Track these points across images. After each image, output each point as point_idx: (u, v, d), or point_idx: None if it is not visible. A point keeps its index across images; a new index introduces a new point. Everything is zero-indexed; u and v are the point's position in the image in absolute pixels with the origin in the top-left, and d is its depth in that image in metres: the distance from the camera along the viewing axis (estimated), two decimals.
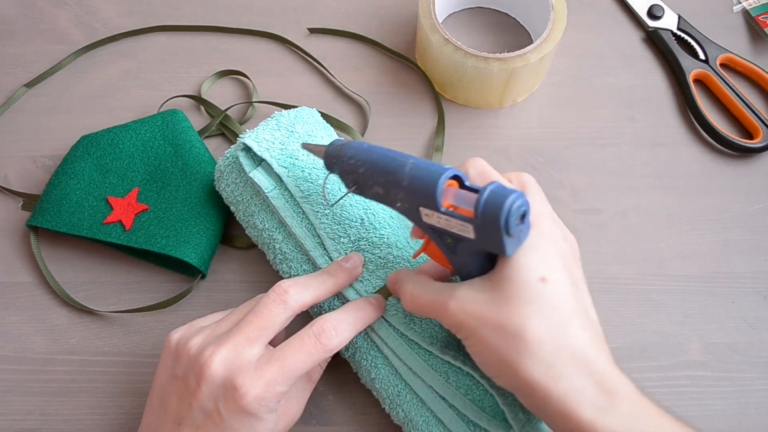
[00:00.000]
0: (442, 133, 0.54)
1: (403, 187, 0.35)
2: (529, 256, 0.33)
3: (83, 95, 0.56)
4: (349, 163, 0.37)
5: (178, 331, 0.38)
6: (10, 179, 0.53)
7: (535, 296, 0.32)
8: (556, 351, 0.32)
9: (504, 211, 0.31)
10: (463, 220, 0.33)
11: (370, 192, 0.37)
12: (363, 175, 0.37)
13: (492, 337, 0.32)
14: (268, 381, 0.34)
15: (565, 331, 0.32)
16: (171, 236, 0.47)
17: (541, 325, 0.32)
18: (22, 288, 0.49)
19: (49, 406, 0.45)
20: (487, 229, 0.32)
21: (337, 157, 0.38)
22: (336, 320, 0.37)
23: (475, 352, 0.35)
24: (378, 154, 0.37)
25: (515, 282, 0.32)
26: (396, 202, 0.36)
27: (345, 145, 0.39)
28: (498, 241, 0.32)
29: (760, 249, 0.50)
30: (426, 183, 0.34)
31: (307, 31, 0.59)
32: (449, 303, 0.34)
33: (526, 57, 0.50)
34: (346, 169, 0.38)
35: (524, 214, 0.32)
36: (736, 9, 0.60)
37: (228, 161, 0.47)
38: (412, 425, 0.40)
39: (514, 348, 0.32)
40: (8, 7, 0.61)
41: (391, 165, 0.35)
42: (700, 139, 0.54)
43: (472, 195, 0.33)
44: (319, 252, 0.43)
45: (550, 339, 0.32)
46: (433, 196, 0.33)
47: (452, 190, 0.34)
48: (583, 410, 0.31)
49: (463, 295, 0.34)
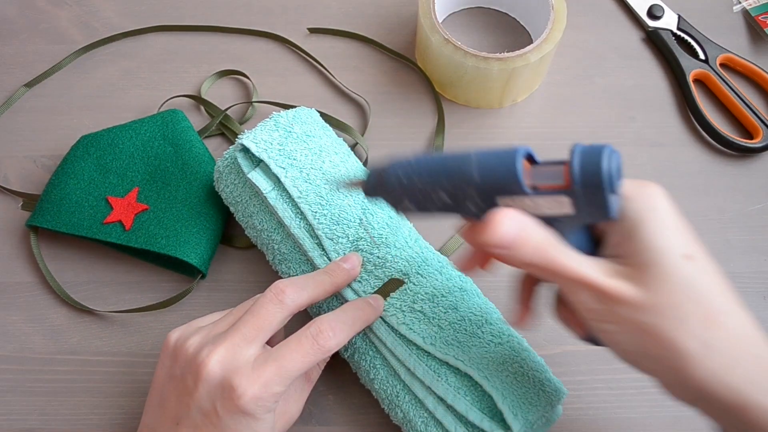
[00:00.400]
0: (442, 133, 0.54)
1: (474, 181, 0.31)
2: (661, 234, 0.30)
3: (83, 95, 0.57)
4: (401, 182, 0.33)
5: (176, 331, 0.38)
6: (10, 179, 0.53)
7: (686, 277, 0.30)
8: (723, 337, 0.29)
9: (605, 165, 0.28)
10: (555, 194, 0.29)
11: (433, 204, 0.33)
12: (422, 188, 0.33)
13: (643, 325, 0.30)
14: (265, 381, 0.34)
15: (725, 313, 0.30)
16: (171, 236, 0.47)
17: (698, 309, 0.29)
18: (22, 288, 0.49)
19: (49, 406, 0.45)
20: (589, 193, 0.29)
21: (381, 183, 0.34)
22: (334, 321, 0.37)
23: (615, 339, 0.32)
24: (430, 161, 0.33)
25: (658, 265, 0.30)
26: (466, 203, 0.32)
27: (387, 168, 0.34)
28: (602, 204, 0.29)
29: (760, 249, 0.50)
30: (501, 167, 0.30)
31: (307, 31, 0.59)
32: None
33: (526, 57, 0.50)
34: (396, 188, 0.33)
35: (619, 168, 0.29)
36: (736, 9, 0.60)
37: (227, 162, 0.47)
38: (411, 426, 0.40)
39: (672, 337, 0.29)
40: (8, 7, 0.61)
41: (452, 164, 0.32)
42: (700, 139, 0.54)
43: (556, 167, 0.30)
44: (318, 252, 0.43)
45: (713, 326, 0.29)
46: (515, 178, 0.30)
47: (530, 169, 0.31)
48: (762, 398, 0.29)
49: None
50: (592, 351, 0.46)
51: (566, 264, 0.31)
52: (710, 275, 0.31)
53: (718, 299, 0.30)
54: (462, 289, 0.43)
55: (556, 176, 0.30)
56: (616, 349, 0.33)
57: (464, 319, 0.41)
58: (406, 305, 0.41)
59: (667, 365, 0.30)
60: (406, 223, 0.46)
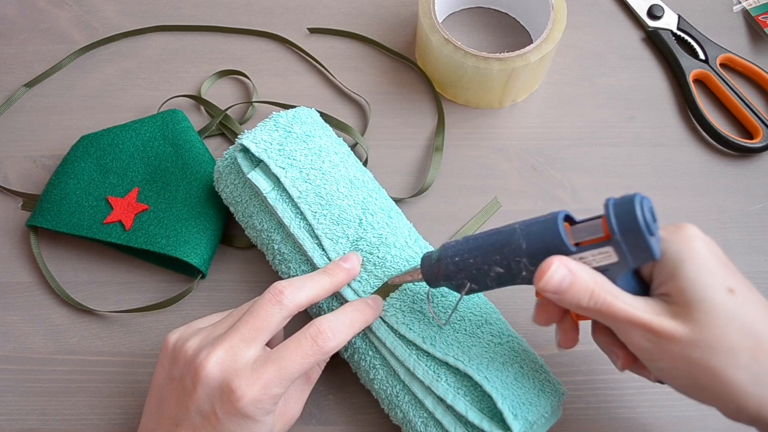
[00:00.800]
0: (442, 133, 0.54)
1: (523, 251, 0.34)
2: (703, 271, 0.32)
3: (83, 95, 0.57)
4: (455, 263, 0.36)
5: (175, 333, 0.38)
6: (10, 179, 0.53)
7: (731, 311, 0.31)
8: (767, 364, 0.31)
9: (638, 211, 0.30)
10: (598, 247, 0.32)
11: (489, 278, 0.36)
12: (476, 265, 0.36)
13: (693, 360, 0.32)
14: (265, 383, 0.34)
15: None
16: (171, 236, 0.47)
17: (746, 341, 0.31)
18: (22, 288, 0.49)
19: (48, 405, 0.45)
20: (629, 239, 0.31)
21: (438, 266, 0.37)
22: (333, 322, 0.37)
23: (670, 375, 0.33)
24: (479, 239, 0.36)
25: (704, 301, 0.32)
26: (521, 272, 0.34)
27: (441, 256, 0.37)
28: (644, 247, 0.31)
29: (760, 249, 0.50)
30: (546, 233, 0.33)
31: (307, 31, 0.59)
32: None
33: (526, 57, 0.50)
34: (453, 271, 0.37)
35: (652, 210, 0.32)
36: (736, 9, 0.60)
37: (227, 162, 0.47)
38: (410, 426, 0.40)
39: (722, 370, 0.31)
40: (8, 7, 0.61)
41: (499, 239, 0.35)
42: (699, 139, 0.54)
43: (594, 222, 0.33)
44: (318, 252, 0.43)
45: (761, 356, 0.31)
46: (560, 240, 0.33)
47: (570, 229, 0.34)
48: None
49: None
50: (592, 351, 0.46)
51: (616, 305, 0.33)
52: (754, 305, 0.32)
53: (764, 328, 0.31)
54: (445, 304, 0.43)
55: (596, 230, 0.33)
56: (672, 384, 0.34)
57: (464, 319, 0.41)
58: (406, 305, 0.41)
59: (720, 397, 0.32)
60: (406, 222, 0.46)
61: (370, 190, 0.45)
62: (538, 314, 0.38)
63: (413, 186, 0.53)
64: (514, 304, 0.48)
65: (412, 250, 0.43)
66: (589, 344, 0.46)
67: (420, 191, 0.51)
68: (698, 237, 0.34)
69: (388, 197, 0.47)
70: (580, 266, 0.33)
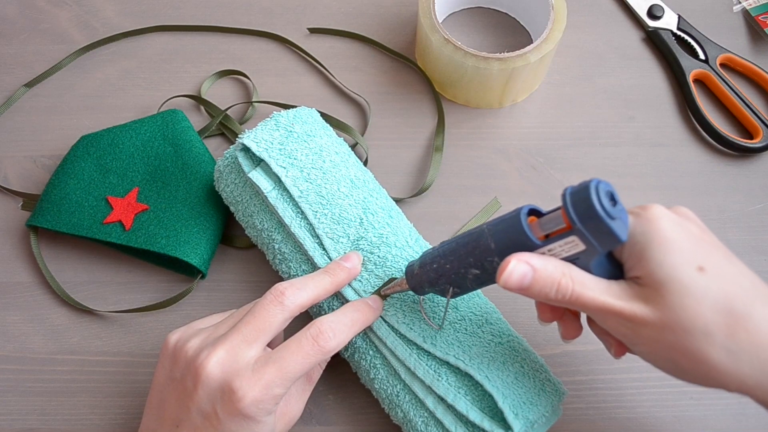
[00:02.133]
0: (442, 133, 0.54)
1: (492, 250, 0.34)
2: (669, 251, 0.32)
3: (83, 95, 0.57)
4: (434, 269, 0.37)
5: (176, 333, 0.38)
6: (10, 179, 0.53)
7: (701, 289, 0.31)
8: (747, 341, 0.30)
9: (593, 197, 0.30)
10: (564, 237, 0.32)
11: (468, 280, 0.36)
12: (453, 269, 0.36)
13: (669, 343, 0.31)
14: (266, 383, 0.34)
15: (746, 316, 0.30)
16: (171, 236, 0.47)
17: (719, 318, 0.30)
18: (22, 288, 0.49)
19: (49, 405, 0.45)
20: (589, 226, 0.31)
21: (419, 274, 0.38)
22: (333, 322, 0.37)
23: (651, 359, 0.33)
24: (452, 243, 0.37)
25: (672, 281, 0.31)
26: (494, 271, 0.35)
27: (421, 261, 0.38)
28: (606, 232, 0.31)
29: (760, 249, 0.50)
30: (510, 230, 0.33)
31: (307, 31, 0.59)
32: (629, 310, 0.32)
33: (526, 57, 0.50)
34: (434, 278, 0.37)
35: (611, 194, 0.31)
36: (736, 9, 0.60)
37: (227, 161, 0.47)
38: (411, 426, 0.40)
39: (697, 351, 0.31)
40: (8, 6, 0.61)
41: (470, 241, 0.35)
42: (700, 139, 0.54)
43: (556, 213, 0.32)
44: (319, 252, 0.43)
45: (736, 332, 0.30)
46: (524, 235, 0.33)
47: (536, 222, 0.33)
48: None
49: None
50: (592, 351, 0.46)
51: (586, 295, 0.32)
52: (729, 281, 0.31)
53: (738, 304, 0.31)
54: None
55: (559, 221, 0.32)
56: (657, 366, 0.34)
57: (464, 318, 0.41)
58: (407, 305, 0.41)
59: (702, 377, 0.32)
60: (407, 222, 0.46)
61: (370, 190, 0.45)
62: (539, 312, 0.38)
63: (413, 186, 0.53)
64: (514, 303, 0.48)
65: (413, 249, 0.43)
66: (589, 344, 0.46)
67: (420, 191, 0.51)
68: (664, 216, 0.33)
69: (389, 197, 0.47)
70: (543, 260, 0.33)
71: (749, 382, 0.31)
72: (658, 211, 0.33)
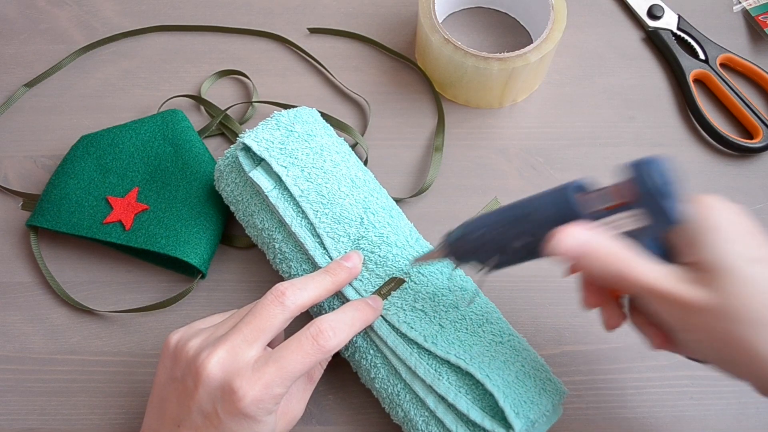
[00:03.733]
0: (442, 133, 0.54)
1: (540, 222, 0.33)
2: (727, 239, 0.31)
3: (83, 95, 0.56)
4: (478, 237, 0.36)
5: (177, 333, 0.38)
6: (10, 179, 0.53)
7: (758, 280, 0.30)
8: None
9: (657, 172, 0.30)
10: (618, 212, 0.31)
11: (511, 252, 0.35)
12: (498, 240, 0.35)
13: (719, 332, 0.30)
14: (266, 383, 0.34)
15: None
16: (171, 236, 0.47)
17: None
18: (22, 288, 0.49)
19: (49, 405, 0.45)
20: (646, 201, 0.30)
21: (462, 244, 0.37)
22: (334, 321, 0.37)
23: (698, 349, 0.33)
24: (499, 214, 0.36)
25: (728, 269, 0.30)
26: (540, 244, 0.34)
27: (464, 230, 0.37)
28: (665, 210, 0.30)
29: None
30: (559, 203, 0.33)
31: (307, 31, 0.59)
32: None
33: (526, 57, 0.50)
34: (476, 247, 0.36)
35: (670, 174, 0.31)
36: (736, 9, 0.60)
37: (228, 161, 0.47)
38: (412, 425, 0.40)
39: (748, 342, 0.30)
40: (8, 7, 0.61)
41: (517, 213, 0.35)
42: (700, 139, 0.54)
43: (606, 190, 0.32)
44: (319, 251, 0.43)
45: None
46: (573, 208, 0.32)
47: (588, 196, 0.33)
48: None
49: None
50: (592, 351, 0.46)
51: (634, 271, 0.31)
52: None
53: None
54: (462, 288, 0.43)
55: (609, 198, 0.32)
56: (702, 359, 0.33)
57: (465, 318, 0.41)
58: (407, 304, 0.41)
59: (750, 370, 0.31)
60: (407, 222, 0.46)
61: (371, 189, 0.45)
62: (584, 295, 0.36)
63: (413, 186, 0.53)
64: (514, 303, 0.48)
65: (413, 249, 0.43)
66: (590, 344, 0.46)
67: (420, 191, 0.51)
68: (721, 205, 0.32)
69: (389, 197, 0.47)
70: (595, 232, 0.32)
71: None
72: (713, 199, 0.33)
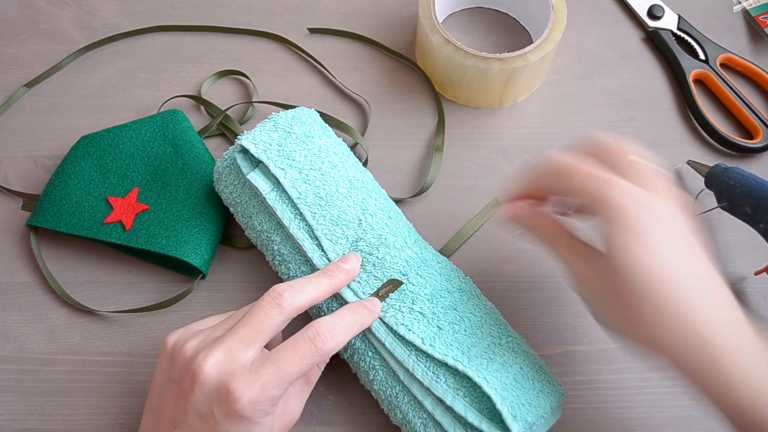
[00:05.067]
0: (442, 133, 0.54)
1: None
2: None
3: (83, 95, 0.57)
4: (729, 184, 0.46)
5: (174, 334, 0.38)
6: (10, 179, 0.53)
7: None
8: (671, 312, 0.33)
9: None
10: None
11: (738, 210, 0.45)
12: (737, 195, 0.45)
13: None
14: (263, 385, 0.34)
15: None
16: (171, 236, 0.47)
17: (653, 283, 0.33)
18: (22, 288, 0.49)
19: (48, 405, 0.45)
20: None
21: (719, 178, 0.47)
22: (331, 323, 0.37)
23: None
24: (754, 181, 0.45)
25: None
26: (759, 223, 0.44)
27: (728, 169, 0.46)
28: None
29: (760, 249, 0.50)
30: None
31: (307, 31, 0.59)
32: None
33: (526, 57, 0.50)
34: (723, 188, 0.46)
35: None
36: (736, 9, 0.60)
37: (226, 163, 0.47)
38: (410, 426, 0.40)
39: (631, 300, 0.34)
40: (8, 7, 0.61)
41: (763, 191, 0.44)
42: (700, 139, 0.54)
43: None
44: (318, 253, 0.43)
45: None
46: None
47: None
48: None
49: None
50: (592, 351, 0.46)
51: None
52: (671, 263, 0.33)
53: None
54: (461, 289, 0.43)
55: None
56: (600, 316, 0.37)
57: (463, 319, 0.41)
58: (405, 306, 0.41)
59: (638, 334, 0.35)
60: (406, 223, 0.46)
61: (369, 191, 0.45)
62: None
63: (413, 186, 0.53)
64: (514, 303, 0.48)
65: (412, 250, 0.43)
66: (589, 344, 0.46)
67: (420, 191, 0.51)
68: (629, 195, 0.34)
69: (388, 198, 0.47)
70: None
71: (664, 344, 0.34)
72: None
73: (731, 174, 0.46)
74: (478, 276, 0.47)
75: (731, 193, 0.46)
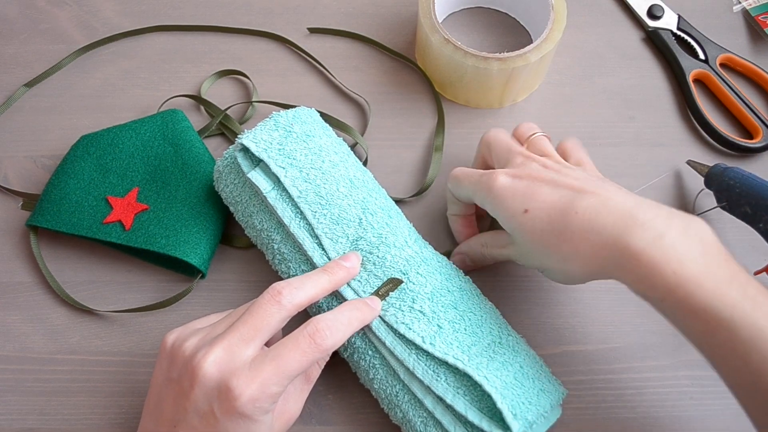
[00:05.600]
0: (442, 133, 0.54)
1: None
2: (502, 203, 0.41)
3: (83, 95, 0.57)
4: (729, 184, 0.46)
5: (173, 333, 0.38)
6: (10, 179, 0.53)
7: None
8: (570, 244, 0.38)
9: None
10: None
11: (737, 210, 0.46)
12: (737, 195, 0.45)
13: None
14: (263, 382, 0.34)
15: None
16: (171, 236, 0.47)
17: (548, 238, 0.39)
18: (22, 288, 0.49)
19: (48, 405, 0.45)
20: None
21: (719, 178, 0.47)
22: (330, 320, 0.37)
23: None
24: (754, 181, 0.45)
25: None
26: (759, 223, 0.45)
27: (727, 168, 0.47)
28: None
29: (760, 249, 0.50)
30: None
31: (307, 31, 0.59)
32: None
33: (526, 57, 0.50)
34: (723, 188, 0.46)
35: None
36: (736, 9, 0.60)
37: (226, 162, 0.47)
38: (410, 425, 0.40)
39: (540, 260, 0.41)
40: (8, 7, 0.61)
41: (763, 191, 0.44)
42: (700, 139, 0.54)
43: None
44: (318, 252, 0.43)
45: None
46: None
47: None
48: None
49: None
50: (592, 351, 0.46)
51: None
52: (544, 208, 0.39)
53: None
54: (461, 288, 0.43)
55: None
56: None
57: (464, 318, 0.41)
58: (406, 304, 0.41)
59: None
60: (406, 222, 0.46)
61: (370, 190, 0.45)
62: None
63: (413, 186, 0.53)
64: (514, 303, 0.48)
65: (412, 249, 0.43)
66: (589, 344, 0.47)
67: (420, 191, 0.51)
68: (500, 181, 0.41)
69: (388, 197, 0.47)
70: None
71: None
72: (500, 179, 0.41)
73: (731, 174, 0.46)
74: (478, 275, 0.47)
75: (731, 192, 0.46)
